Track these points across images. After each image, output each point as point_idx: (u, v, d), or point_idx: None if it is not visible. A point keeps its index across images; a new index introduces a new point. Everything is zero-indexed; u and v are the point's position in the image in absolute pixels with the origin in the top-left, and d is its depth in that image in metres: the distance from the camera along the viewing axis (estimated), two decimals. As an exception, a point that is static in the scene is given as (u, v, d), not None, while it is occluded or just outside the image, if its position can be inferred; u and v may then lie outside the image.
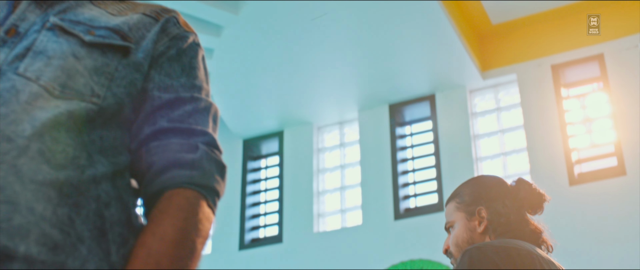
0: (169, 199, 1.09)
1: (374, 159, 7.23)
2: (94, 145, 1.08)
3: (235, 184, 7.73)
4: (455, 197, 2.22)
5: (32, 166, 1.00)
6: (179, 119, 1.16)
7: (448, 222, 2.20)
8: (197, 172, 1.12)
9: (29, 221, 0.97)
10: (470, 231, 2.14)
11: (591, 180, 6.35)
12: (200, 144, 1.16)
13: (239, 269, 7.25)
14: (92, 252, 1.01)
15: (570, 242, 6.12)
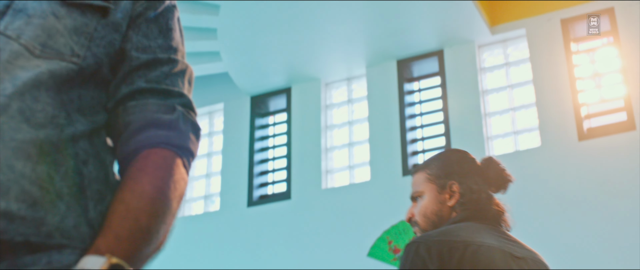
0: (146, 157, 1.10)
1: (382, 115, 7.22)
2: (72, 104, 1.09)
3: (243, 141, 7.73)
4: (426, 168, 2.23)
5: (12, 125, 1.01)
6: (156, 80, 1.17)
7: (416, 192, 2.21)
8: (174, 132, 1.14)
9: (9, 178, 0.98)
10: (440, 204, 2.16)
11: (600, 135, 6.33)
12: (177, 105, 1.17)
13: (247, 225, 7.29)
14: (70, 209, 1.02)
15: (579, 197, 6.12)
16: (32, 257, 0.97)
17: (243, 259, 7.11)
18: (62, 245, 1.00)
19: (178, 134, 1.15)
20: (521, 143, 6.79)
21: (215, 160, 8.01)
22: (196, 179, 7.98)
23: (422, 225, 2.16)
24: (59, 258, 1.00)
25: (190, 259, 7.36)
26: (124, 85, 1.16)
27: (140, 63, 1.18)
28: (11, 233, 0.96)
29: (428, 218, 2.16)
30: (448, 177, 2.19)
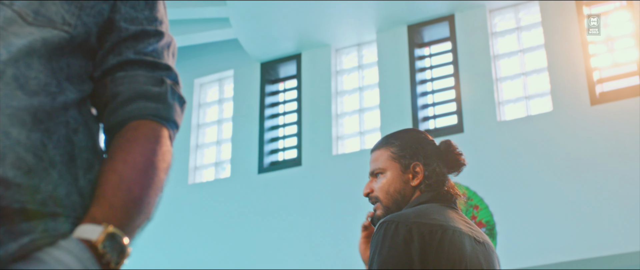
0: (136, 129, 1.13)
1: (393, 81, 7.19)
2: (62, 73, 1.09)
3: (253, 108, 7.72)
4: (389, 145, 2.24)
5: (7, 91, 1.01)
6: (145, 52, 1.19)
7: (379, 168, 2.22)
8: (163, 105, 1.16)
9: (5, 145, 0.98)
10: (403, 183, 2.18)
11: (613, 99, 6.29)
12: (165, 78, 1.19)
13: (258, 192, 7.30)
14: (62, 177, 1.03)
15: (591, 162, 6.10)
16: (28, 225, 0.98)
17: (254, 225, 7.13)
18: (56, 214, 1.01)
19: (166, 106, 1.16)
20: (533, 108, 6.76)
21: (225, 127, 8.01)
22: (207, 146, 7.98)
23: (384, 202, 2.19)
24: (54, 226, 1.00)
25: (201, 225, 7.39)
26: (112, 55, 1.17)
27: (129, 34, 1.19)
28: (8, 200, 0.96)
29: (391, 195, 2.18)
30: (412, 158, 2.21)
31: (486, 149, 6.54)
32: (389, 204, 2.18)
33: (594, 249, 5.86)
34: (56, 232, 1.00)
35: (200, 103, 8.19)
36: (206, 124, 8.10)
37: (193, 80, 8.18)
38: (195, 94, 8.14)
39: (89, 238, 1.01)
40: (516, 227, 6.16)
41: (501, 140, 6.52)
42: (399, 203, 2.18)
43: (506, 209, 6.25)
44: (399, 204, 2.17)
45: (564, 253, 5.94)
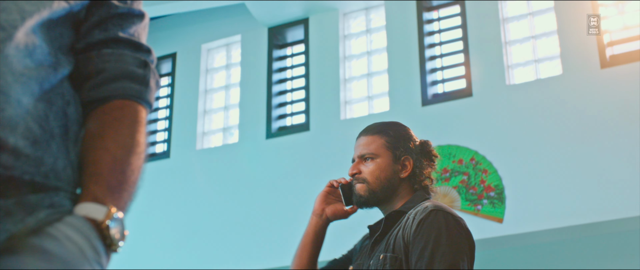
0: (121, 109, 1.14)
1: (401, 45, 7.14)
2: (56, 43, 1.10)
3: (261, 72, 7.69)
4: (383, 134, 2.32)
5: (20, 58, 1.01)
6: (131, 33, 1.20)
7: (371, 153, 2.29)
8: (145, 88, 1.18)
9: (18, 113, 0.97)
10: (393, 172, 2.27)
11: (623, 62, 6.24)
12: (148, 60, 1.21)
13: (266, 157, 7.30)
14: (59, 150, 1.03)
15: (601, 125, 6.07)
16: (36, 197, 0.97)
17: (262, 190, 7.14)
18: (57, 188, 1.01)
19: (148, 90, 1.19)
20: (542, 71, 6.71)
21: (233, 93, 7.99)
22: (214, 111, 7.97)
23: (372, 185, 2.25)
24: (58, 200, 1.00)
25: (210, 191, 7.40)
26: (98, 30, 1.17)
27: (118, 12, 1.20)
28: (18, 170, 0.95)
29: (381, 181, 2.25)
30: (404, 152, 2.29)
31: (495, 112, 6.51)
32: (376, 189, 2.26)
33: (604, 213, 5.85)
34: (62, 208, 1.00)
35: (208, 68, 8.16)
36: (214, 90, 8.08)
37: (200, 45, 8.15)
38: (202, 60, 8.12)
39: (95, 217, 1.02)
40: (525, 191, 6.15)
41: (510, 104, 6.49)
42: (385, 190, 2.26)
43: (515, 173, 6.24)
44: (385, 191, 2.26)
45: (573, 217, 5.93)
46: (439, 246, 2.01)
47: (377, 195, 2.25)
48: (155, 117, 8.24)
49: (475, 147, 6.41)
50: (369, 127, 2.38)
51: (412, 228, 2.09)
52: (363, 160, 2.30)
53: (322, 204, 2.38)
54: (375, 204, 2.27)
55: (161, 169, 7.75)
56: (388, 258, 2.09)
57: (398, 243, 2.11)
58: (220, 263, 7.07)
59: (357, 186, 2.27)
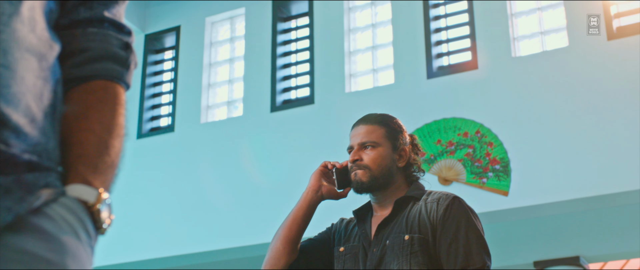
0: (105, 90, 1.14)
1: (406, 17, 7.09)
2: (48, 18, 1.09)
3: (265, 46, 7.66)
4: (383, 124, 2.41)
5: (25, 33, 0.99)
6: (115, 14, 1.20)
7: (372, 142, 2.37)
8: (126, 70, 1.18)
9: (21, 90, 0.96)
10: (392, 161, 2.37)
11: (630, 34, 6.19)
12: (129, 42, 1.21)
13: (270, 130, 7.28)
14: (50, 129, 1.03)
15: (608, 98, 6.04)
16: (33, 176, 0.97)
17: (267, 164, 7.13)
18: (49, 168, 1.00)
19: (128, 72, 1.19)
20: (549, 43, 6.67)
21: (237, 66, 7.96)
22: (219, 84, 7.95)
23: (374, 172, 2.33)
24: (52, 181, 1.00)
25: (214, 164, 7.40)
26: (84, 8, 1.16)
27: None
28: (18, 148, 0.95)
29: (382, 168, 2.34)
30: (402, 142, 2.40)
31: (501, 85, 6.48)
32: (377, 175, 2.34)
33: (610, 185, 5.84)
34: (56, 188, 1.00)
35: (212, 42, 8.12)
36: (218, 63, 8.04)
37: (204, 18, 8.11)
38: (206, 33, 8.08)
39: (87, 200, 1.02)
40: (530, 164, 6.13)
41: (516, 76, 6.46)
42: (385, 177, 2.35)
43: (521, 146, 6.22)
44: (384, 178, 2.35)
45: (579, 189, 5.92)
46: (470, 229, 2.19)
47: (377, 182, 2.33)
48: (159, 90, 8.23)
49: (481, 120, 6.38)
50: (368, 117, 2.46)
51: (438, 212, 2.23)
52: (363, 148, 2.38)
53: (318, 181, 2.43)
54: (374, 190, 2.35)
55: (166, 142, 7.74)
56: (416, 239, 2.19)
57: (423, 225, 2.22)
58: (225, 236, 7.09)
59: (358, 172, 2.35)
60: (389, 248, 2.22)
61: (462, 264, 2.14)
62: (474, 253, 2.15)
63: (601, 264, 8.78)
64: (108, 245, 7.55)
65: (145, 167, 7.71)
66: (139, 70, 8.20)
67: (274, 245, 2.37)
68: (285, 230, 2.37)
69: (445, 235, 2.19)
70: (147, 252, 7.37)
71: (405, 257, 2.18)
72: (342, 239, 2.40)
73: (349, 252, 2.33)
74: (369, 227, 2.35)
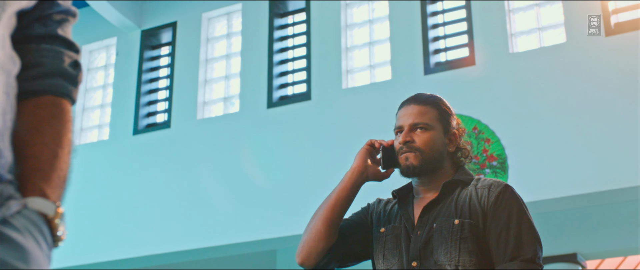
0: (55, 105, 1.17)
1: (403, 13, 7.06)
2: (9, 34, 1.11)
3: (262, 41, 7.62)
4: (435, 106, 2.31)
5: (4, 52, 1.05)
6: (66, 32, 1.24)
7: (425, 123, 2.28)
8: (74, 88, 1.22)
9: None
10: (443, 145, 2.27)
11: (628, 30, 6.17)
12: (78, 60, 1.25)
13: (267, 126, 7.25)
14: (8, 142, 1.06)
15: (605, 94, 6.01)
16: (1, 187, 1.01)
17: (263, 160, 7.10)
18: (10, 181, 1.04)
19: (76, 90, 1.23)
20: (546, 39, 6.64)
21: (234, 62, 7.93)
22: (215, 80, 7.91)
23: (426, 155, 2.24)
24: (14, 193, 1.03)
25: (210, 161, 7.37)
26: (38, 24, 1.20)
27: (59, 10, 1.23)
28: None
29: (434, 152, 2.25)
30: (452, 127, 2.30)
31: (498, 81, 6.45)
32: (429, 159, 2.24)
33: (607, 182, 5.81)
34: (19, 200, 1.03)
35: (208, 37, 8.09)
36: (214, 59, 8.01)
37: (201, 14, 8.07)
38: (203, 29, 8.04)
39: (47, 213, 1.06)
40: (528, 161, 6.11)
41: (514, 72, 6.43)
42: (436, 161, 2.25)
43: (518, 142, 6.19)
44: (436, 162, 2.25)
45: (576, 186, 5.90)
46: (523, 218, 2.14)
47: (429, 165, 2.24)
48: (155, 87, 8.19)
49: (478, 116, 6.36)
50: (419, 96, 2.35)
51: (489, 199, 2.16)
52: (414, 129, 2.27)
53: (364, 161, 2.32)
54: (424, 173, 2.25)
55: (162, 138, 7.71)
56: (466, 224, 2.12)
57: (474, 211, 2.15)
58: (221, 233, 7.06)
59: (410, 155, 2.24)
60: (436, 231, 2.15)
61: (513, 253, 2.09)
62: (525, 243, 2.10)
63: (599, 261, 8.75)
64: (104, 241, 7.53)
65: (141, 164, 7.67)
66: (136, 67, 8.17)
67: (315, 227, 2.26)
68: (327, 211, 2.26)
69: (495, 223, 2.13)
70: (144, 249, 7.34)
71: (454, 241, 2.12)
72: (381, 219, 2.32)
73: (390, 233, 2.25)
74: (411, 209, 2.27)
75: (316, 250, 2.25)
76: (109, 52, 8.65)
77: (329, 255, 2.26)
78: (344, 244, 2.29)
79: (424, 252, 2.16)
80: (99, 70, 8.64)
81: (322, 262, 2.27)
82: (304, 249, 2.26)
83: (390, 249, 2.23)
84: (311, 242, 2.25)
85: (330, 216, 2.25)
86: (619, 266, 9.28)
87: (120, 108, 8.08)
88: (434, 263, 2.13)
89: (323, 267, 2.29)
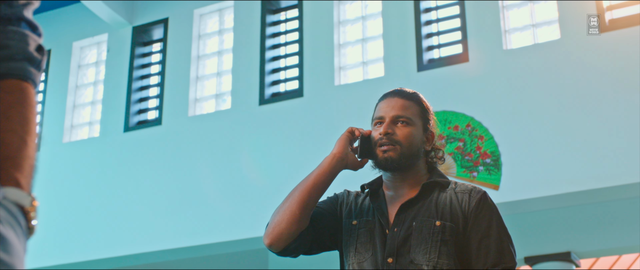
0: (21, 91, 1.14)
1: (397, 9, 7.01)
2: None
3: (254, 38, 7.56)
4: (418, 102, 2.28)
5: None
6: (31, 14, 1.21)
7: (407, 118, 2.23)
8: (38, 72, 1.20)
9: None
10: (421, 142, 2.24)
11: (622, 26, 6.12)
12: (42, 46, 1.22)
13: (259, 124, 7.19)
14: None
15: (600, 91, 5.97)
16: None
17: (255, 157, 7.04)
18: None
19: (40, 75, 1.21)
20: (540, 36, 6.59)
21: (226, 58, 7.86)
22: (207, 77, 7.85)
23: (405, 149, 2.20)
24: None
25: (202, 158, 7.31)
26: (4, 5, 1.18)
27: None
28: None
29: (413, 147, 2.21)
30: (431, 124, 2.28)
31: (492, 78, 6.40)
32: (407, 153, 2.20)
33: (601, 179, 5.77)
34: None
35: (200, 34, 8.02)
36: (206, 55, 7.94)
37: (193, 10, 8.01)
38: (194, 25, 7.97)
39: (23, 204, 1.04)
40: (522, 158, 6.06)
41: (507, 69, 6.38)
42: (413, 157, 2.22)
43: (512, 140, 6.15)
44: (413, 158, 2.22)
45: (570, 183, 5.85)
46: (501, 227, 2.17)
47: (406, 161, 2.20)
48: (147, 83, 8.12)
49: (472, 113, 6.31)
50: (402, 91, 2.30)
51: (470, 204, 2.16)
52: (395, 123, 2.22)
53: (345, 147, 2.27)
54: (400, 168, 2.20)
55: (153, 136, 7.65)
56: (447, 226, 2.11)
57: (455, 214, 2.14)
58: (214, 231, 7.00)
59: (388, 147, 2.20)
60: (415, 230, 2.12)
61: (494, 260, 2.10)
62: (506, 251, 2.12)
63: (593, 259, 8.71)
64: (95, 239, 7.46)
65: (132, 161, 7.61)
66: (127, 63, 8.11)
67: (289, 208, 2.17)
68: (303, 193, 2.19)
69: (476, 229, 2.13)
70: (135, 247, 7.27)
71: (434, 243, 2.10)
72: (353, 212, 2.27)
73: (363, 226, 2.20)
74: (384, 205, 2.22)
75: (288, 232, 2.17)
76: (100, 48, 8.58)
77: (298, 240, 2.19)
78: (314, 231, 2.23)
79: (401, 249, 2.12)
80: (90, 67, 8.57)
81: (291, 246, 2.19)
82: (275, 230, 2.18)
83: (363, 243, 2.19)
84: (283, 224, 2.16)
85: (306, 199, 2.19)
86: (614, 265, 9.24)
87: (111, 105, 8.01)
88: (410, 262, 2.09)
89: (291, 251, 2.22)
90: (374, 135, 2.24)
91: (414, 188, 2.22)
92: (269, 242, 2.19)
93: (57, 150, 8.06)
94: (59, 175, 7.90)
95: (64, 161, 7.96)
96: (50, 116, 8.31)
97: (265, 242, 2.20)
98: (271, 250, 2.21)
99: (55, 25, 8.64)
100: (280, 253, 2.22)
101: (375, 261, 2.13)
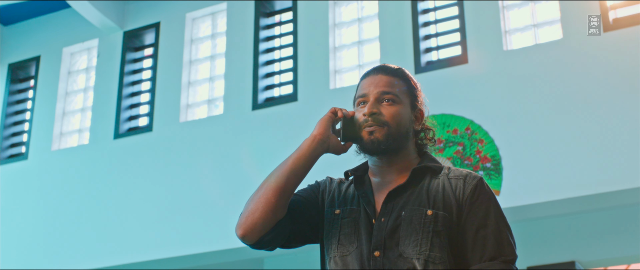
0: None
1: (393, 11, 6.83)
2: None
3: (247, 42, 7.38)
4: (404, 79, 2.09)
5: None
6: None
7: (394, 96, 2.03)
8: None
9: None
10: (410, 122, 2.06)
11: (626, 25, 5.94)
12: None
13: (252, 129, 7.01)
14: None
15: (603, 92, 5.80)
16: None
17: (248, 163, 6.84)
18: None
19: None
20: (542, 36, 6.39)
21: (218, 63, 7.68)
22: (199, 82, 7.66)
23: (393, 130, 2.00)
24: None
25: (194, 164, 7.12)
26: None
27: None
28: None
29: (401, 127, 2.02)
30: (419, 102, 2.10)
31: (492, 80, 6.21)
32: (395, 134, 2.01)
33: (605, 184, 5.57)
34: None
35: (193, 38, 7.84)
36: (198, 60, 7.76)
37: (185, 14, 7.84)
38: (187, 29, 7.80)
39: None
40: (523, 162, 5.86)
41: (508, 71, 6.19)
42: (402, 138, 2.03)
43: (512, 143, 5.95)
44: (402, 139, 2.03)
45: (573, 188, 5.65)
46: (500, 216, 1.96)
47: (395, 142, 2.00)
48: (138, 89, 7.94)
49: (471, 116, 6.11)
50: (386, 67, 2.10)
51: (465, 191, 1.96)
52: (380, 101, 2.02)
53: (327, 130, 2.04)
54: (388, 151, 2.00)
55: (144, 142, 7.47)
56: (440, 216, 1.91)
57: (448, 203, 1.94)
58: (207, 239, 6.80)
59: (375, 128, 1.99)
60: (404, 220, 1.91)
61: (493, 252, 1.89)
62: (505, 243, 1.91)
63: (599, 269, 8.48)
64: (85, 248, 7.27)
65: (122, 169, 7.44)
66: (117, 69, 7.93)
67: (264, 196, 1.94)
68: (279, 179, 1.94)
69: (472, 219, 1.93)
70: (125, 256, 7.08)
71: (425, 234, 1.89)
72: (335, 200, 2.06)
73: (347, 216, 1.99)
74: (370, 192, 2.01)
75: (262, 222, 1.94)
76: (90, 54, 8.41)
77: (274, 231, 1.97)
78: (292, 221, 2.00)
79: (388, 241, 1.90)
80: (80, 73, 8.39)
81: (266, 238, 1.97)
82: (248, 219, 1.94)
83: (347, 234, 1.97)
84: (257, 213, 1.93)
85: (283, 186, 1.95)
86: (620, 275, 9.01)
87: (101, 112, 7.83)
88: (399, 255, 1.88)
89: (266, 244, 2.00)
90: (357, 116, 2.02)
91: (403, 173, 2.01)
92: (241, 233, 1.96)
93: (46, 158, 7.88)
94: (48, 184, 7.72)
95: (53, 169, 7.78)
96: (39, 124, 8.13)
97: (238, 233, 1.97)
98: (244, 242, 1.99)
99: (45, 31, 8.48)
100: (254, 246, 1.99)
101: (360, 255, 1.92)
